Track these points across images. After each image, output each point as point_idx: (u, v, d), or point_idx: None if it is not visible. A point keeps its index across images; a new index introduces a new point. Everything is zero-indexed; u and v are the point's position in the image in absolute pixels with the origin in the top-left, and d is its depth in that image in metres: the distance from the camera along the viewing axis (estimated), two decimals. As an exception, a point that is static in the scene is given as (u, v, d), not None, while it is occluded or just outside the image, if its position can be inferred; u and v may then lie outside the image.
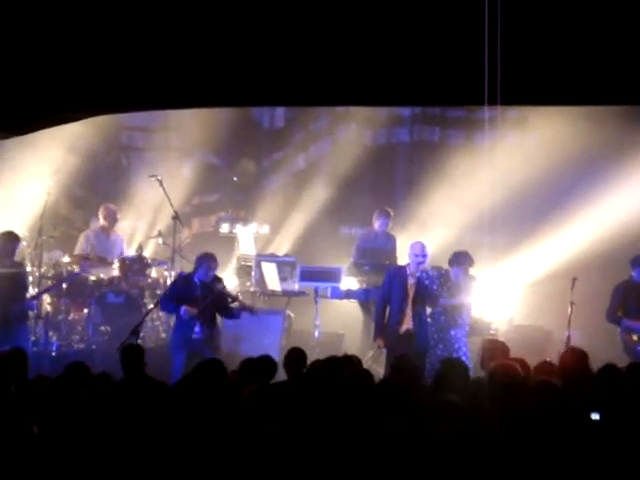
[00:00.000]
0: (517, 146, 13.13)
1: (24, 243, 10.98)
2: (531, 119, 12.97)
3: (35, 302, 10.33)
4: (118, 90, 8.28)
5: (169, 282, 11.02)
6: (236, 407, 5.86)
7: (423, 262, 9.75)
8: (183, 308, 9.35)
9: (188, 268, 10.38)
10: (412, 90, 7.87)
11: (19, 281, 9.90)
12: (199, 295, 9.42)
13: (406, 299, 9.71)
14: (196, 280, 9.51)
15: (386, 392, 5.70)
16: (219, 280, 9.66)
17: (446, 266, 9.99)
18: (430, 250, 10.00)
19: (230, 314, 9.85)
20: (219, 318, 9.86)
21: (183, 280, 9.68)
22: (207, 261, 9.53)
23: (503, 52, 6.63)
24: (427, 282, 9.75)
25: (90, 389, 6.19)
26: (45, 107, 8.44)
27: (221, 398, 5.89)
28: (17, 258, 10.18)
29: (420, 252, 9.76)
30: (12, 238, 9.93)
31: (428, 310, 9.88)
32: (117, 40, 7.95)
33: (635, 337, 10.06)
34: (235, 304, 9.94)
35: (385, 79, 7.74)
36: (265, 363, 7.15)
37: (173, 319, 10.02)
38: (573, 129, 12.40)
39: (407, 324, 9.73)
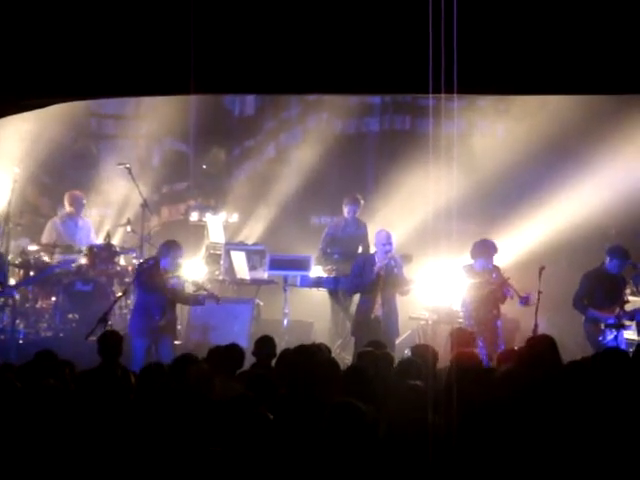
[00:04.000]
0: (487, 135, 13.19)
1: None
2: (501, 108, 13.01)
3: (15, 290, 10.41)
4: (85, 76, 8.20)
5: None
6: (209, 396, 5.85)
7: (390, 250, 9.79)
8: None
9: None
10: (356, 77, 7.89)
11: None
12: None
13: (375, 287, 9.74)
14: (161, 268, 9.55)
15: (353, 379, 5.72)
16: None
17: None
18: (399, 238, 10.02)
19: (195, 301, 9.90)
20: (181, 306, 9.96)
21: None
22: (172, 250, 9.54)
23: (447, 41, 6.65)
24: (395, 270, 9.78)
25: (60, 377, 6.14)
26: (10, 93, 8.35)
27: (194, 388, 5.90)
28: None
29: (386, 240, 9.82)
30: None
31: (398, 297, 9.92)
32: (83, 24, 7.88)
33: (602, 326, 10.08)
34: (201, 292, 9.95)
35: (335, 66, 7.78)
36: (233, 351, 7.14)
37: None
38: (542, 118, 12.47)
39: (376, 311, 9.77)
